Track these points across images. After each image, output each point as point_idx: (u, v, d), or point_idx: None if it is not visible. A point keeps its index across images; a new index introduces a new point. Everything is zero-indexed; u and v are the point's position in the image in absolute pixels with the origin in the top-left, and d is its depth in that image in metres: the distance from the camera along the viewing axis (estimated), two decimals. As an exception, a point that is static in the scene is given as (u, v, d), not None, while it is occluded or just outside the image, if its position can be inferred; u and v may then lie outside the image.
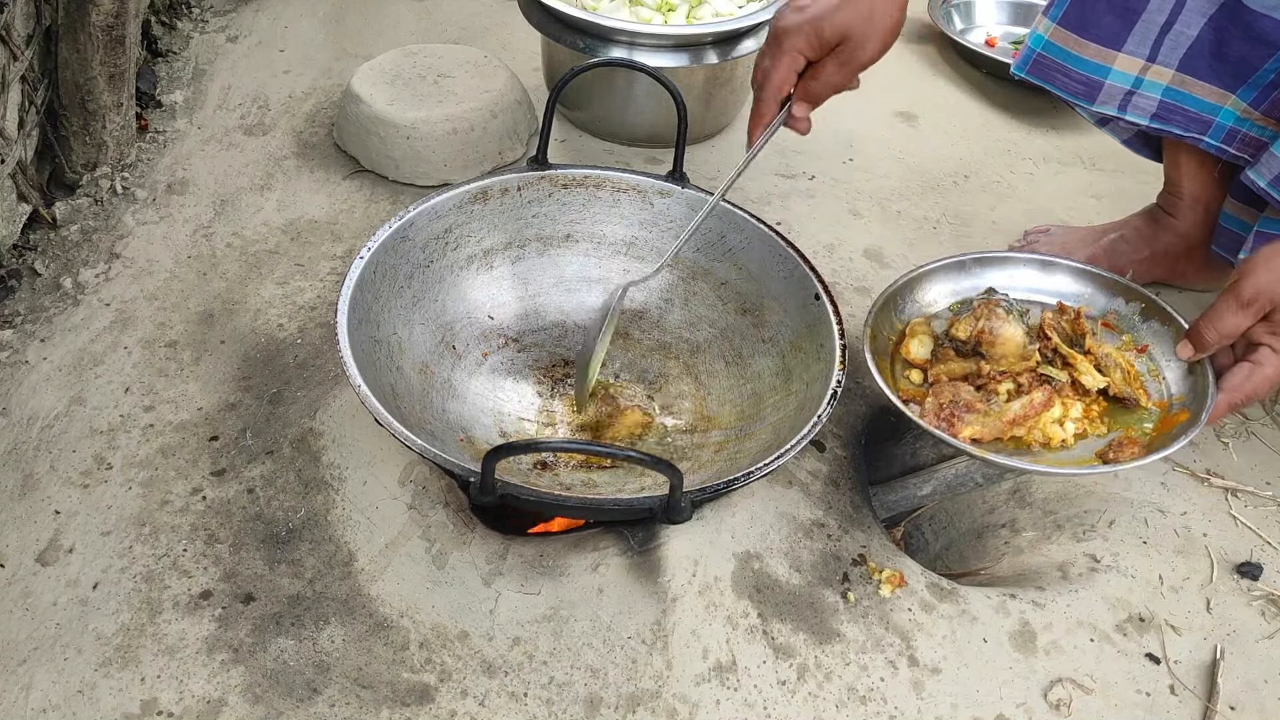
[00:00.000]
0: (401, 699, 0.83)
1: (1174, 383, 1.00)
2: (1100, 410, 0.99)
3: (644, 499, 0.83)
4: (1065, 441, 0.96)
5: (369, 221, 1.33)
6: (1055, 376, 0.98)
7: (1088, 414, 0.98)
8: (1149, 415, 0.98)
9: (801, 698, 0.85)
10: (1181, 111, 1.11)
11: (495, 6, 1.84)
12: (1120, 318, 1.07)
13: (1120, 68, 1.11)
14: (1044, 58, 1.15)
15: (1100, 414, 0.99)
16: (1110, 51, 1.10)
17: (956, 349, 1.02)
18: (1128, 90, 1.12)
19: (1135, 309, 1.06)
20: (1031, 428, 0.96)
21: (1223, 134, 1.10)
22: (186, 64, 1.60)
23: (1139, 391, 0.99)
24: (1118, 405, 0.99)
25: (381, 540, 0.93)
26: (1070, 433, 0.96)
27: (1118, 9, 1.08)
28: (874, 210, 1.43)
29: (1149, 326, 1.05)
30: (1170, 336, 1.02)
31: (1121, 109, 1.13)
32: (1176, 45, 1.07)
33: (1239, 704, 0.89)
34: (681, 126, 1.08)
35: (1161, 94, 1.11)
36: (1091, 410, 0.98)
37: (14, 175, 1.19)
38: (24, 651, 0.85)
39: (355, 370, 0.86)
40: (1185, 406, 0.97)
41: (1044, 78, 1.16)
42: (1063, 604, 0.94)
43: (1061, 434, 0.96)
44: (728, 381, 1.06)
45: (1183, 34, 1.06)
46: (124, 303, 1.18)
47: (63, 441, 1.02)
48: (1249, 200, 1.14)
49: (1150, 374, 1.02)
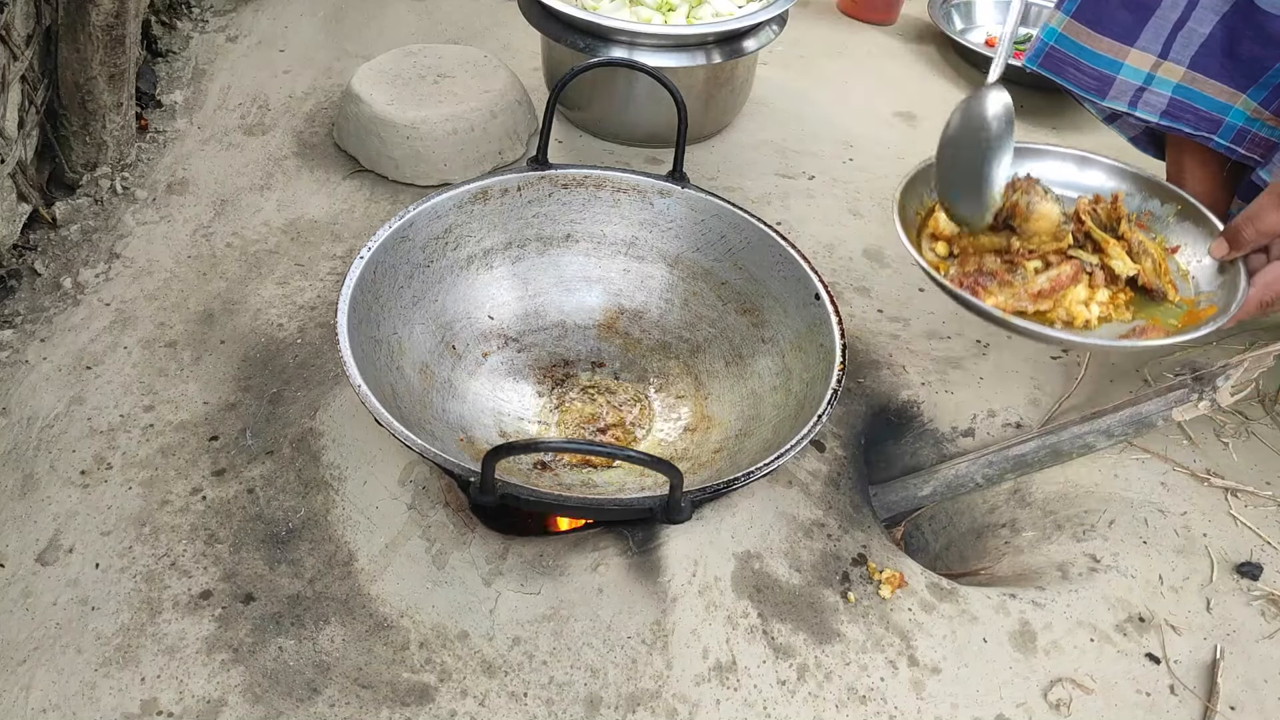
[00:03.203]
0: (401, 699, 0.83)
1: (1204, 282, 0.98)
2: (1127, 299, 0.96)
3: (644, 499, 0.83)
4: (1089, 322, 0.93)
5: (369, 221, 1.33)
6: (1085, 260, 0.96)
7: (1114, 300, 0.95)
8: (1176, 310, 0.96)
9: (801, 698, 0.85)
10: (1192, 110, 1.11)
11: (495, 6, 1.84)
12: (1154, 219, 1.04)
13: (1132, 63, 1.11)
14: (1056, 50, 1.15)
15: (1126, 303, 0.96)
16: (1123, 47, 1.10)
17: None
18: (1139, 86, 1.12)
19: (1170, 210, 1.03)
20: (1056, 304, 0.93)
21: (1233, 133, 1.10)
22: (186, 64, 1.60)
23: (1168, 284, 0.96)
24: (1145, 297, 0.97)
25: (381, 540, 0.93)
26: (1095, 315, 0.93)
27: (1131, 4, 1.08)
28: (874, 210, 1.43)
29: (1183, 228, 1.02)
30: (1204, 240, 0.99)
31: (1132, 105, 1.13)
32: (1188, 43, 1.07)
33: (1239, 704, 0.89)
34: (681, 126, 1.09)
35: (1172, 91, 1.11)
36: (1118, 298, 0.96)
37: (14, 175, 1.19)
38: (24, 651, 0.85)
39: (355, 370, 0.86)
40: (1214, 303, 0.95)
41: (1055, 71, 1.16)
42: (1063, 604, 0.94)
43: (1086, 314, 0.93)
44: (728, 381, 1.06)
45: (1195, 31, 1.06)
46: (124, 303, 1.18)
47: (63, 441, 1.02)
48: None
49: (1180, 275, 0.99)
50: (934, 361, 1.18)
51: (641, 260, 1.13)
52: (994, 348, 1.22)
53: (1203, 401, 1.02)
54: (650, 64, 1.17)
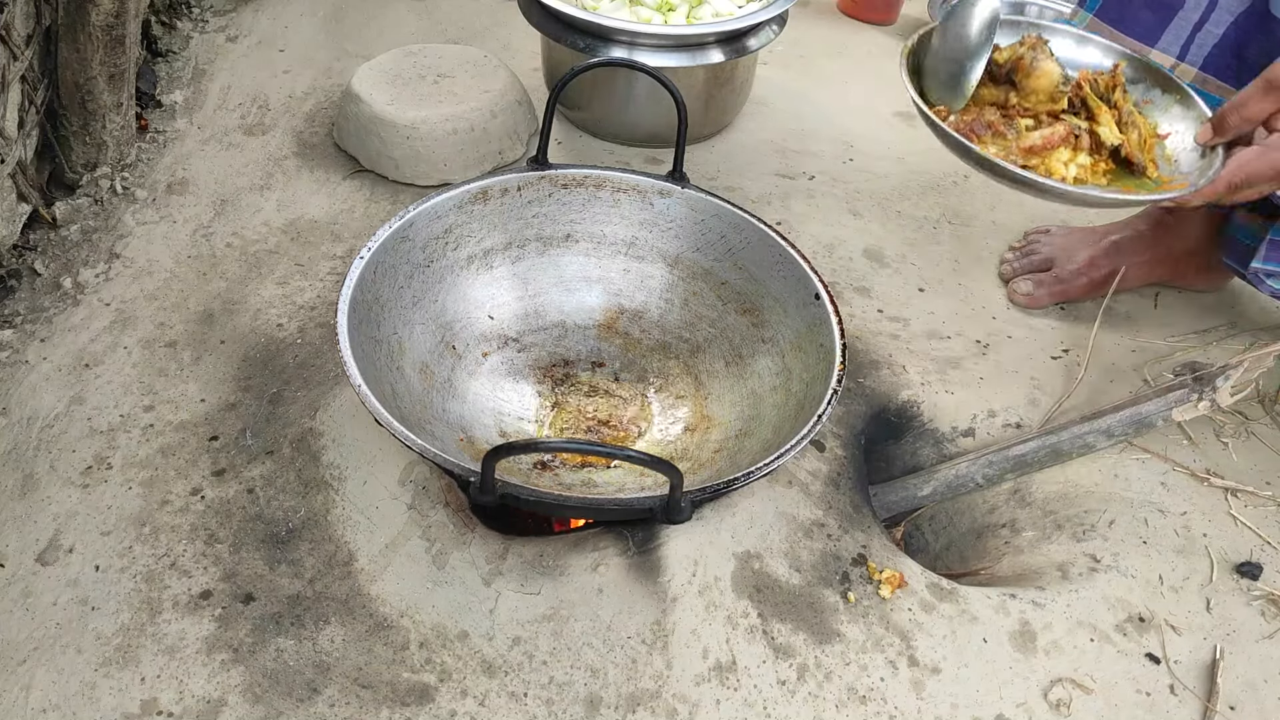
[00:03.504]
0: (401, 699, 0.83)
1: (1185, 166, 1.01)
2: (1107, 168, 1.01)
3: (644, 499, 0.83)
4: (1065, 180, 0.98)
5: (369, 221, 1.33)
6: (1076, 124, 0.99)
7: (1094, 167, 1.00)
8: (1151, 185, 1.00)
9: (801, 698, 0.85)
10: None
11: (495, 6, 1.84)
12: (1153, 106, 1.06)
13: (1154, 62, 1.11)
14: None
15: (1105, 171, 1.00)
16: (1144, 47, 1.11)
17: (991, 74, 1.02)
18: None
19: (1171, 100, 1.05)
20: (1041, 161, 0.97)
21: None
22: (186, 64, 1.60)
23: (1149, 160, 1.00)
24: (1125, 170, 1.00)
25: (381, 540, 0.93)
26: (1072, 174, 0.98)
27: (1154, 4, 1.08)
28: (874, 210, 1.43)
29: (1175, 116, 1.04)
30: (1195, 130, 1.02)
31: None
32: (1203, 45, 1.08)
33: (1239, 704, 0.89)
34: (681, 126, 1.08)
35: None
36: (1098, 165, 1.00)
37: (14, 175, 1.19)
38: (24, 651, 0.85)
39: (355, 370, 0.86)
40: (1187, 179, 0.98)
41: None
42: (1063, 604, 0.94)
43: (1064, 172, 0.98)
44: (728, 381, 1.06)
45: (1211, 33, 1.07)
46: (124, 303, 1.18)
47: (63, 441, 1.02)
48: (1259, 210, 1.14)
49: (1165, 159, 1.02)
50: (934, 361, 1.18)
51: (641, 260, 1.13)
52: (994, 348, 1.22)
53: (1203, 401, 1.02)
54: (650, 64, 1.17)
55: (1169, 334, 1.26)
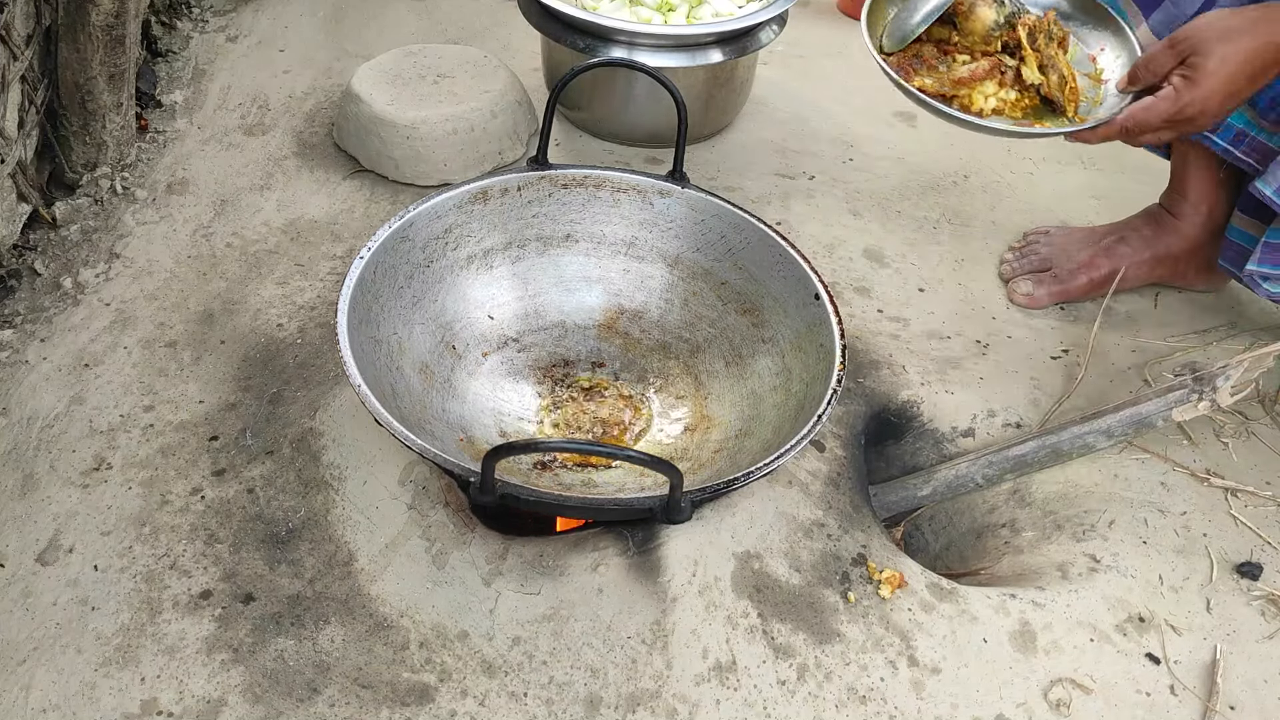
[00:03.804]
0: (401, 699, 0.83)
1: (1104, 110, 1.08)
2: (1030, 104, 1.09)
3: (644, 499, 0.83)
4: (982, 111, 1.07)
5: (369, 221, 1.33)
6: (1006, 63, 1.09)
7: (1018, 103, 1.09)
8: (1067, 123, 1.07)
9: (801, 698, 0.85)
10: None
11: (495, 6, 1.84)
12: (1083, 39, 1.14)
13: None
14: None
15: (1026, 107, 1.09)
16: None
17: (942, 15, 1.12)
18: None
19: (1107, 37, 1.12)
20: (968, 93, 1.08)
21: (1231, 135, 1.10)
22: (186, 64, 1.60)
23: (1069, 101, 1.07)
24: (1047, 108, 1.09)
25: (381, 540, 0.93)
26: (990, 106, 1.07)
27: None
28: (874, 210, 1.43)
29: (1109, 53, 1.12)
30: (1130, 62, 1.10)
31: None
32: None
33: (1239, 704, 0.89)
34: (681, 126, 1.08)
35: None
36: (1022, 101, 1.09)
37: (14, 175, 1.19)
38: (24, 651, 0.85)
39: (355, 370, 0.86)
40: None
41: None
42: (1063, 604, 0.94)
43: (982, 105, 1.08)
44: (728, 381, 1.06)
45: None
46: (124, 303, 1.18)
47: (63, 441, 1.02)
48: (1256, 213, 1.14)
49: (1094, 102, 1.10)
50: (934, 361, 1.18)
51: (641, 260, 1.13)
52: (994, 348, 1.22)
53: (1203, 402, 1.02)
54: (650, 64, 1.17)
55: (1169, 334, 1.26)
